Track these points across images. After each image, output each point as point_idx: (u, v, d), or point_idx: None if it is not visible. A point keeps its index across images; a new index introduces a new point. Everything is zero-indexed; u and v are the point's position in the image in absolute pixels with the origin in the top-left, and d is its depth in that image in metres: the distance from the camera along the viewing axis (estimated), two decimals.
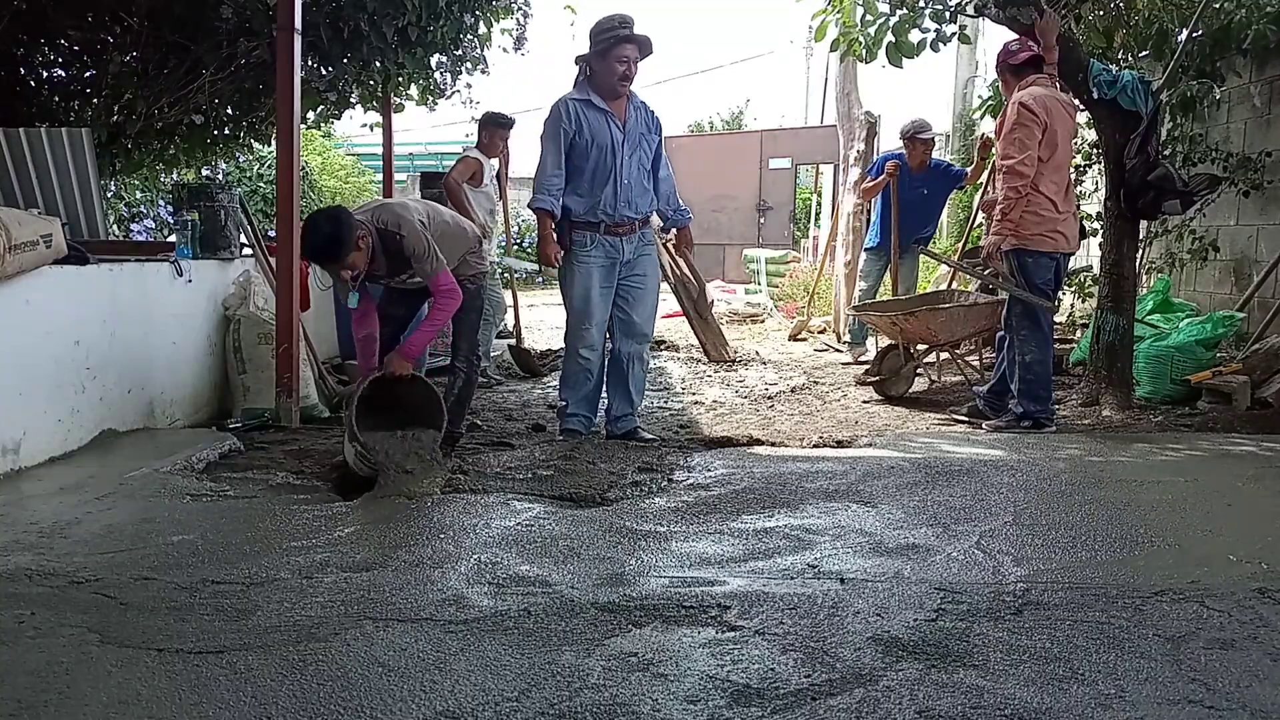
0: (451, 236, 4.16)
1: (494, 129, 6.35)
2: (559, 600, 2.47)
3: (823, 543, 2.95)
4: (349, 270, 3.80)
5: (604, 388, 4.66)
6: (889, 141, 14.66)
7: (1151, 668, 2.09)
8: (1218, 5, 5.84)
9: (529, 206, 4.41)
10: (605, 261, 4.40)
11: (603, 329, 4.51)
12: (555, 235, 4.33)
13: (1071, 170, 5.10)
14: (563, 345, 6.74)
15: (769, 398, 6.10)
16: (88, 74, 6.73)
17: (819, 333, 9.24)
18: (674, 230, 4.82)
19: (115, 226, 8.50)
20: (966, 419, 5.08)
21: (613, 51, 4.25)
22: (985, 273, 4.71)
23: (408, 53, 6.32)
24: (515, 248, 9.39)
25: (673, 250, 5.09)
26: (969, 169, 6.82)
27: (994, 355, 5.21)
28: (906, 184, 6.65)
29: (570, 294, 4.45)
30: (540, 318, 10.72)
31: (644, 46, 4.32)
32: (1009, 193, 4.53)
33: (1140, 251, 6.21)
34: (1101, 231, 5.48)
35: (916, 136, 6.57)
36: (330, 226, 3.74)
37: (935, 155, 7.04)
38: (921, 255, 6.83)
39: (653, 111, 4.52)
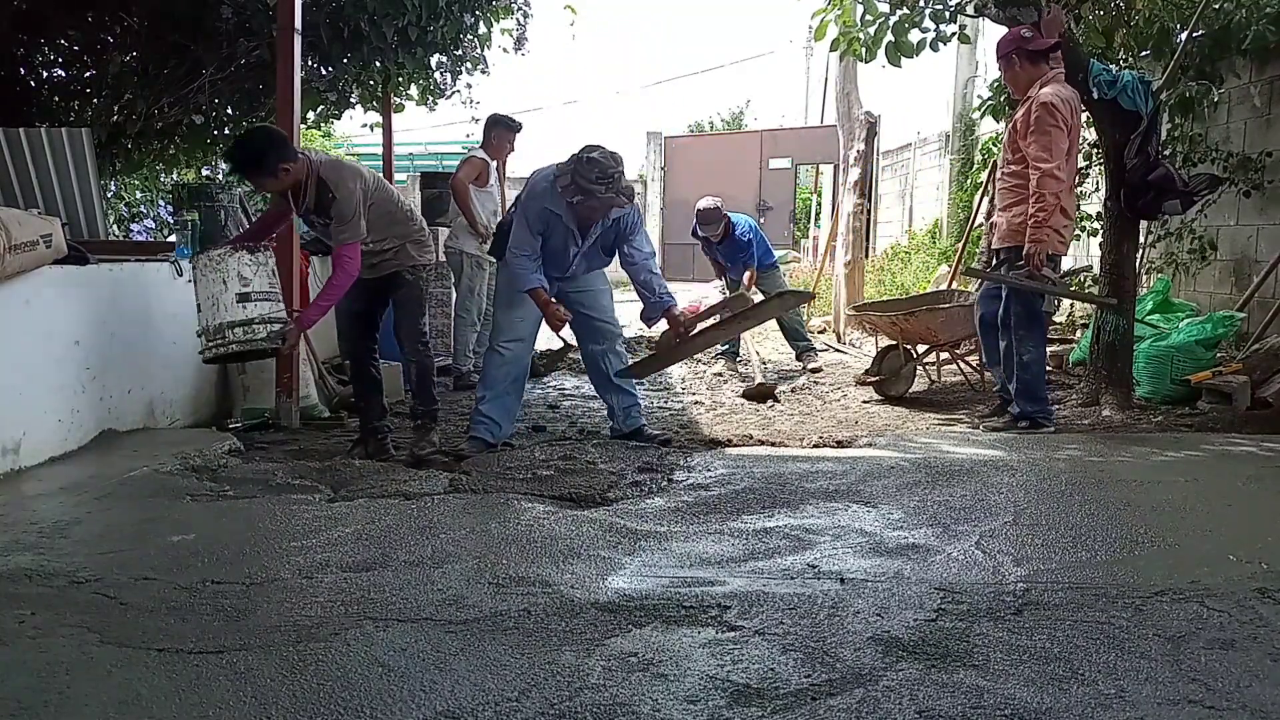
0: (391, 216, 4.14)
1: (502, 131, 6.35)
2: (559, 600, 2.47)
3: (823, 543, 2.95)
4: (262, 190, 4.05)
5: (600, 391, 4.64)
6: (889, 141, 14.73)
7: (1151, 668, 2.09)
8: (1218, 5, 5.84)
9: (521, 290, 4.26)
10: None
11: (532, 326, 4.37)
12: (552, 300, 4.25)
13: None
14: (560, 345, 6.60)
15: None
16: (88, 74, 6.74)
17: (819, 333, 9.23)
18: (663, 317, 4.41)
19: (115, 226, 8.49)
20: (1004, 428, 4.82)
21: (588, 202, 4.04)
22: (1029, 279, 4.61)
23: (408, 53, 6.32)
24: None
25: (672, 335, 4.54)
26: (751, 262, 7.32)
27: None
28: (719, 250, 7.35)
29: (502, 292, 4.39)
30: None
31: (619, 207, 4.11)
32: (1049, 199, 4.46)
33: (1140, 251, 6.21)
34: (1101, 231, 5.48)
35: (699, 228, 7.22)
36: (259, 145, 3.80)
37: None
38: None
39: (620, 218, 4.27)
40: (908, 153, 14.31)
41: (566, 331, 4.60)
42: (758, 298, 6.15)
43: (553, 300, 4.27)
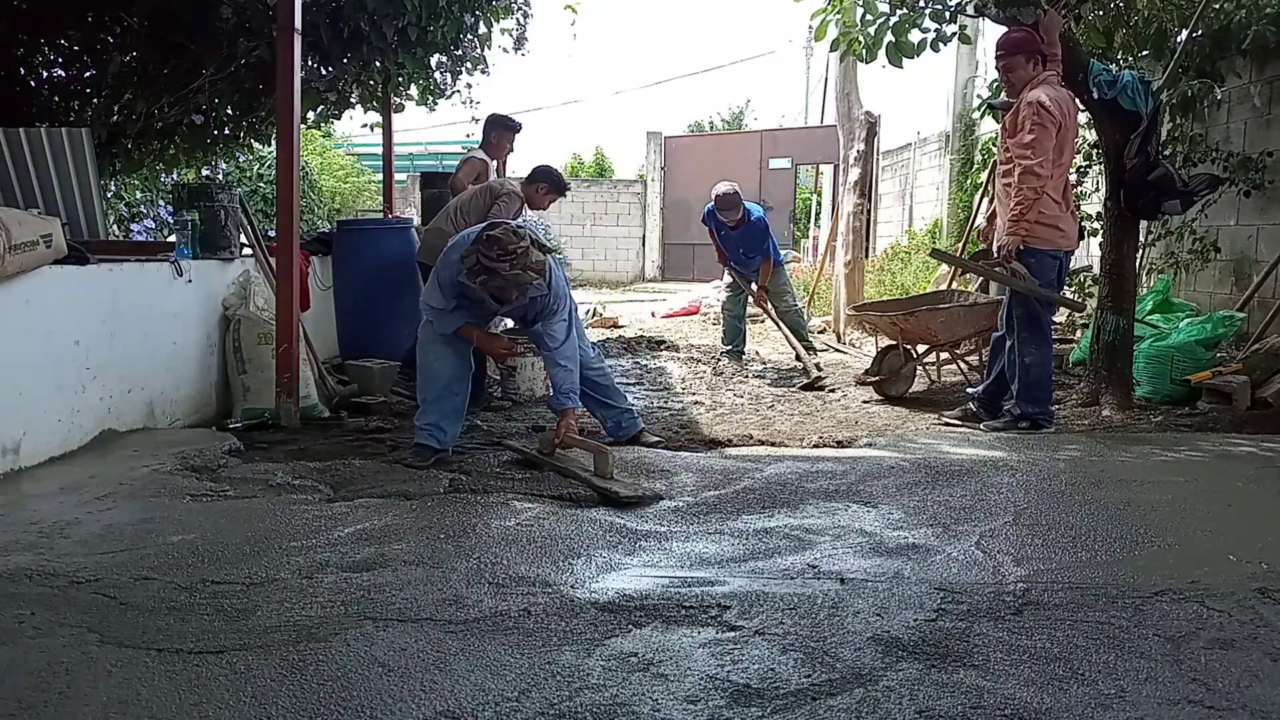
0: None
1: (502, 131, 6.35)
2: (559, 600, 2.47)
3: (823, 543, 2.95)
4: None
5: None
6: (889, 141, 14.73)
7: (1151, 668, 2.09)
8: (1218, 5, 5.84)
9: (447, 333, 4.09)
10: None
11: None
12: (485, 331, 4.21)
13: (1071, 169, 5.11)
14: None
15: (769, 398, 6.10)
16: (88, 74, 6.72)
17: (819, 333, 9.23)
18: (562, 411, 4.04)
19: (115, 226, 8.48)
20: (959, 422, 5.05)
21: (492, 281, 3.78)
22: (1000, 271, 4.69)
23: (408, 53, 6.32)
24: None
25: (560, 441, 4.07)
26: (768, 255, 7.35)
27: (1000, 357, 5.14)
28: (732, 238, 7.36)
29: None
30: None
31: (528, 283, 3.80)
32: (1027, 193, 4.51)
33: (1140, 252, 6.21)
34: (1101, 231, 5.48)
35: (719, 213, 7.25)
36: None
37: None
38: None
39: (537, 297, 3.97)
40: (907, 153, 14.30)
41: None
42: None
43: (487, 331, 4.19)
